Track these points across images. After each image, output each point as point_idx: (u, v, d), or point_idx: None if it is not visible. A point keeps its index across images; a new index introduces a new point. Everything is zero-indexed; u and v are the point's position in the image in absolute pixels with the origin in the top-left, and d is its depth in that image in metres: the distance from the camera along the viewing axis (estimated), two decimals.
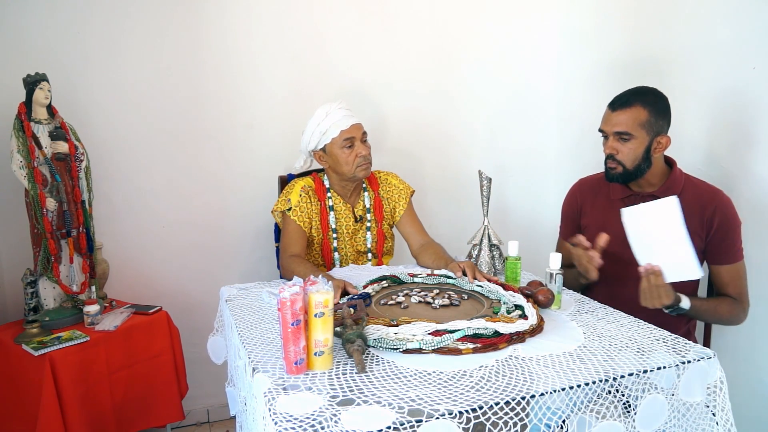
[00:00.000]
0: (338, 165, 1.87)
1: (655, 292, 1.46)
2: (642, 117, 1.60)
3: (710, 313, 1.62)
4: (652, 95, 1.63)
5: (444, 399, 1.00)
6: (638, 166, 1.64)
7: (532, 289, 1.48)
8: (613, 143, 1.64)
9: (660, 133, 1.63)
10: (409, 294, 1.55)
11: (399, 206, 2.00)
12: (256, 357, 1.20)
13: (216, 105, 2.24)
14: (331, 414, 0.95)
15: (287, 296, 1.08)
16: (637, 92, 1.64)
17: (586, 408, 1.07)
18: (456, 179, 2.62)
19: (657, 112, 1.62)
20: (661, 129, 1.63)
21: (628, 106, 1.61)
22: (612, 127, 1.64)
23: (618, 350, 1.22)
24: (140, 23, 2.10)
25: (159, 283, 2.26)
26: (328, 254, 1.93)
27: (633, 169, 1.64)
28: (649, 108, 1.61)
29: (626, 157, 1.63)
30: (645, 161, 1.64)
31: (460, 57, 2.57)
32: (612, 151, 1.65)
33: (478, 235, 1.81)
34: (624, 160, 1.64)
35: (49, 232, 1.75)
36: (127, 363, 1.82)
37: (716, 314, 1.62)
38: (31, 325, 1.74)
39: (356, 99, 2.32)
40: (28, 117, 1.75)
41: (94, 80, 2.07)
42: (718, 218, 1.62)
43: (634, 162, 1.63)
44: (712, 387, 1.20)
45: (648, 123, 1.61)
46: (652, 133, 1.61)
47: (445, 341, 1.19)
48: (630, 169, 1.64)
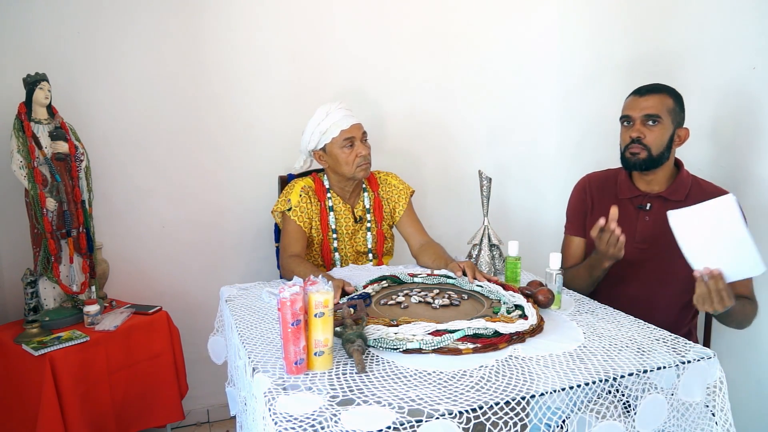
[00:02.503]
0: (338, 165, 1.87)
1: (717, 296, 1.36)
2: (669, 103, 1.63)
3: (739, 312, 1.55)
4: (672, 88, 1.67)
5: (444, 399, 1.00)
6: (661, 154, 1.64)
7: (532, 289, 1.48)
8: (641, 127, 1.64)
9: (680, 125, 1.66)
10: (409, 294, 1.55)
11: (399, 206, 2.00)
12: (256, 357, 1.20)
13: (216, 105, 2.24)
14: (331, 414, 0.95)
15: (287, 296, 1.08)
16: (659, 84, 1.67)
17: (586, 408, 1.07)
18: (456, 179, 2.62)
19: (679, 103, 1.65)
20: (682, 121, 1.66)
21: (656, 92, 1.64)
22: (641, 111, 1.64)
23: (618, 350, 1.22)
24: (140, 23, 2.10)
25: (159, 283, 2.26)
26: (328, 254, 1.93)
27: (657, 155, 1.64)
28: (674, 98, 1.64)
29: (654, 142, 1.62)
30: (667, 150, 1.64)
31: (461, 57, 2.57)
32: (639, 134, 1.63)
33: (478, 235, 1.81)
34: (651, 145, 1.63)
35: (49, 232, 1.75)
36: (127, 363, 1.82)
37: (744, 313, 1.58)
38: (31, 325, 1.74)
39: (356, 99, 2.32)
40: (28, 117, 1.75)
41: (94, 80, 2.07)
42: None
43: (659, 148, 1.63)
44: (711, 387, 1.20)
45: (674, 111, 1.63)
46: (675, 123, 1.64)
47: (445, 341, 1.19)
48: (655, 156, 1.63)
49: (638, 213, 1.72)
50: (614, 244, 1.52)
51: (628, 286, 1.70)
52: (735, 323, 1.61)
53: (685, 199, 1.66)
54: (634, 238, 1.69)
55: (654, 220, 1.68)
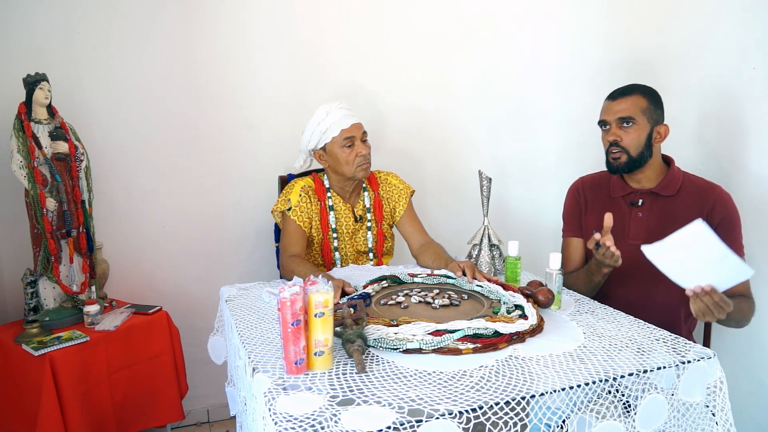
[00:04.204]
0: (338, 164, 1.87)
1: (716, 308, 1.35)
2: (642, 104, 1.65)
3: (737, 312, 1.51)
4: (646, 87, 1.69)
5: (444, 399, 1.00)
6: (641, 154, 1.66)
7: (532, 289, 1.48)
8: (616, 130, 1.67)
9: (658, 123, 1.67)
10: (409, 294, 1.55)
11: (399, 206, 2.00)
12: (256, 357, 1.20)
13: (216, 105, 2.24)
14: (331, 414, 0.95)
15: (287, 296, 1.08)
16: (632, 85, 1.70)
17: (586, 408, 1.07)
18: (456, 179, 2.62)
19: (654, 101, 1.67)
20: (660, 118, 1.68)
21: (628, 94, 1.67)
22: (614, 115, 1.67)
23: (618, 350, 1.22)
24: (140, 24, 2.10)
25: (159, 283, 2.26)
26: (328, 254, 1.93)
27: (637, 156, 1.66)
28: (647, 97, 1.67)
29: (630, 143, 1.65)
30: (647, 149, 1.66)
31: (461, 57, 2.57)
32: (616, 138, 1.67)
33: (478, 235, 1.81)
34: (628, 146, 1.66)
35: (49, 232, 1.75)
36: (127, 363, 1.82)
37: (741, 312, 1.58)
38: (31, 325, 1.74)
39: (356, 99, 2.32)
40: (28, 117, 1.75)
41: (95, 80, 2.07)
42: (719, 214, 1.62)
43: (637, 149, 1.66)
44: (711, 387, 1.20)
45: (648, 110, 1.65)
46: (651, 121, 1.66)
47: (445, 341, 1.19)
48: (634, 156, 1.66)
49: (631, 210, 1.73)
50: (610, 257, 1.54)
51: (624, 283, 1.70)
52: (734, 323, 1.61)
53: (676, 193, 1.67)
54: (628, 235, 1.70)
55: (647, 216, 1.69)
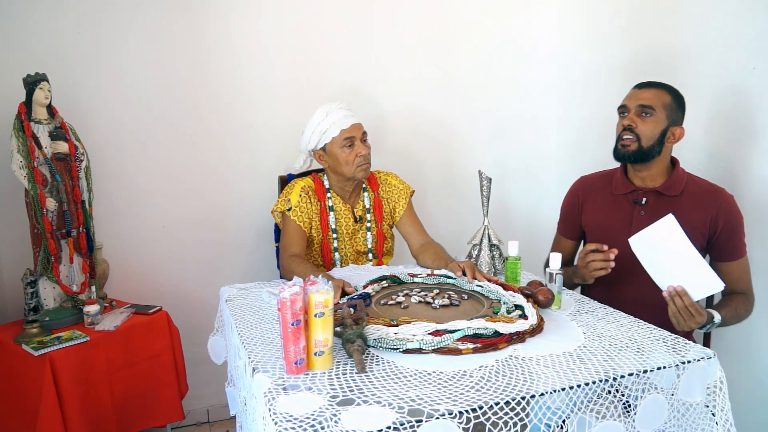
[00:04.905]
0: (338, 164, 1.87)
1: (686, 313, 1.40)
2: (666, 99, 1.66)
3: (733, 317, 1.58)
4: (674, 88, 1.70)
5: (444, 399, 1.00)
6: (651, 147, 1.66)
7: (532, 289, 1.48)
8: (634, 117, 1.67)
9: (676, 123, 1.67)
10: (409, 294, 1.55)
11: (399, 206, 2.00)
12: (256, 357, 1.20)
13: (216, 104, 2.24)
14: (331, 414, 0.95)
15: (287, 296, 1.08)
16: (661, 82, 1.71)
17: (586, 408, 1.07)
18: (456, 179, 2.62)
19: (678, 102, 1.68)
20: (678, 120, 1.68)
21: (655, 87, 1.68)
22: (636, 101, 1.67)
23: (618, 350, 1.22)
24: (140, 23, 2.10)
25: (159, 283, 2.26)
26: (328, 254, 1.93)
27: (647, 147, 1.66)
28: (672, 95, 1.67)
29: (644, 132, 1.65)
30: (658, 144, 1.66)
31: (461, 57, 2.57)
32: (631, 123, 1.66)
33: (478, 235, 1.81)
34: (642, 135, 1.65)
35: (49, 232, 1.75)
36: (127, 363, 1.82)
37: (738, 316, 1.60)
38: (31, 325, 1.74)
39: (356, 99, 2.32)
40: (28, 117, 1.75)
41: (94, 80, 2.07)
42: (723, 217, 1.63)
43: (650, 140, 1.65)
44: (711, 387, 1.20)
45: (670, 107, 1.66)
46: (670, 119, 1.66)
47: (445, 341, 1.19)
48: (644, 147, 1.66)
49: (634, 208, 1.73)
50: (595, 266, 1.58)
51: (628, 286, 1.70)
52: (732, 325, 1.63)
53: (681, 194, 1.68)
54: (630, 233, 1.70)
55: (650, 215, 1.69)
